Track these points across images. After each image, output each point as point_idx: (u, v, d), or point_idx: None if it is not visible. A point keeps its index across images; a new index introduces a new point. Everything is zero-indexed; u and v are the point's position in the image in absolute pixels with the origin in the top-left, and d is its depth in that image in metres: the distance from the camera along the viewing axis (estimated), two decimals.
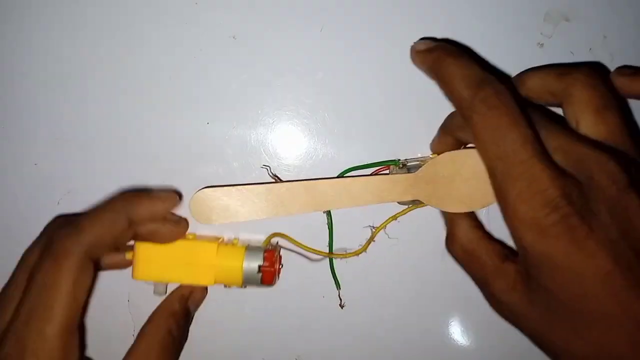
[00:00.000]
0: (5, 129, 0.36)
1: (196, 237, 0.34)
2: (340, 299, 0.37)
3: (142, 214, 0.30)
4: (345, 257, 0.36)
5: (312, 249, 0.35)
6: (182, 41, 0.36)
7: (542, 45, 0.36)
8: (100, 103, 0.36)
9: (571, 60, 0.37)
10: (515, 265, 0.26)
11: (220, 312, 0.37)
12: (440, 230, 0.34)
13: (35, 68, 0.36)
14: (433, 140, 0.35)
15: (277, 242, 0.36)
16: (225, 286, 0.34)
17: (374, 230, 0.36)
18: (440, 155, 0.32)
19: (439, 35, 0.36)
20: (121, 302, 0.37)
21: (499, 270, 0.27)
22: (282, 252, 0.36)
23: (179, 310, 0.32)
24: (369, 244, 0.36)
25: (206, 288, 0.36)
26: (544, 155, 0.24)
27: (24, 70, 0.36)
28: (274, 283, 0.34)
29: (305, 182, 0.33)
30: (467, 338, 0.38)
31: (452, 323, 0.38)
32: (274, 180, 0.35)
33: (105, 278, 0.36)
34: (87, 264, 0.28)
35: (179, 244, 0.33)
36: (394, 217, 0.35)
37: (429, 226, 0.36)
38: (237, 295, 0.37)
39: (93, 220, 0.29)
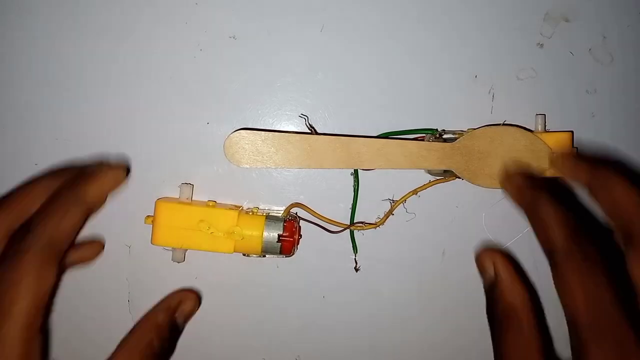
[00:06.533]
0: (5, 129, 0.36)
1: (216, 205, 0.34)
2: (356, 262, 0.36)
3: (94, 196, 0.29)
4: (363, 229, 0.35)
5: (331, 220, 0.35)
6: (182, 41, 0.36)
7: (542, 45, 0.37)
8: (101, 103, 0.36)
9: (571, 60, 0.37)
10: None
11: (221, 311, 0.37)
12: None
13: (35, 68, 0.36)
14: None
15: (297, 213, 0.35)
16: (244, 255, 0.34)
17: (393, 203, 0.35)
18: (479, 129, 0.32)
19: (438, 35, 0.36)
20: (121, 302, 0.37)
21: None
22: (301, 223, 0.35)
23: (164, 323, 0.31)
24: (387, 217, 0.35)
25: (199, 300, 0.35)
26: (632, 320, 0.23)
27: (24, 70, 0.36)
28: (293, 253, 0.34)
29: (341, 137, 0.32)
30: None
31: (458, 318, 0.38)
32: (310, 132, 0.35)
33: (105, 278, 0.36)
34: (49, 260, 0.26)
35: (199, 211, 0.33)
36: (415, 192, 0.35)
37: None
38: (238, 295, 0.37)
39: (48, 214, 0.27)
